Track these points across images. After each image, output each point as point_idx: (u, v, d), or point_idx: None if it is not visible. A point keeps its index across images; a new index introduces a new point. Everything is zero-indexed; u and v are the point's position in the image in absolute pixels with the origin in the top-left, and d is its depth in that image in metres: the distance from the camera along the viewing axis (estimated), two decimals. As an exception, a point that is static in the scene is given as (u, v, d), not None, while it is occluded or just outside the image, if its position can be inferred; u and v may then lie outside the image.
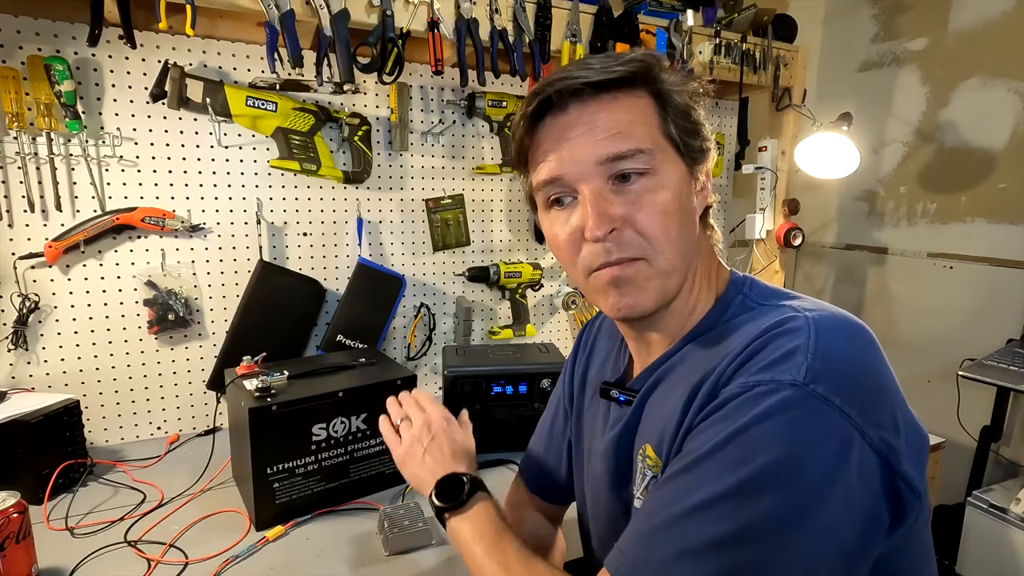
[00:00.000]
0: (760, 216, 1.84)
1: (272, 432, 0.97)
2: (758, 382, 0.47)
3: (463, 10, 1.29)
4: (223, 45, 1.29)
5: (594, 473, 0.70)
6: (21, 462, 1.02)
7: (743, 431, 0.46)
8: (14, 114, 1.11)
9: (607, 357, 0.76)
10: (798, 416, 0.45)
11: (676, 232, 0.56)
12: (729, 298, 0.61)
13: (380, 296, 1.46)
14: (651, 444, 0.58)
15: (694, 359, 0.58)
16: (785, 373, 0.46)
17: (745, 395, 0.47)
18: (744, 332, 0.53)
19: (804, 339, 0.48)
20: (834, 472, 0.44)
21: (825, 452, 0.45)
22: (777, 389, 0.46)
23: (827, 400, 0.45)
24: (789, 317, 0.51)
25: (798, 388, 0.45)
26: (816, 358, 0.47)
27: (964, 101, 1.80)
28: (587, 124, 0.55)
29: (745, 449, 0.46)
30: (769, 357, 0.48)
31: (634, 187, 0.55)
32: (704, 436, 0.49)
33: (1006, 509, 1.44)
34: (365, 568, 0.90)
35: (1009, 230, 1.71)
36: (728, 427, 0.47)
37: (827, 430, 0.45)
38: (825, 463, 0.44)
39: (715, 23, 1.70)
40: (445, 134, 1.56)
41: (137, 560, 0.89)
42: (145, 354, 1.30)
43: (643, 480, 0.59)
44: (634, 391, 0.64)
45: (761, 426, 0.45)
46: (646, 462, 0.58)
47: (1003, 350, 1.57)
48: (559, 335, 1.82)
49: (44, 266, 1.19)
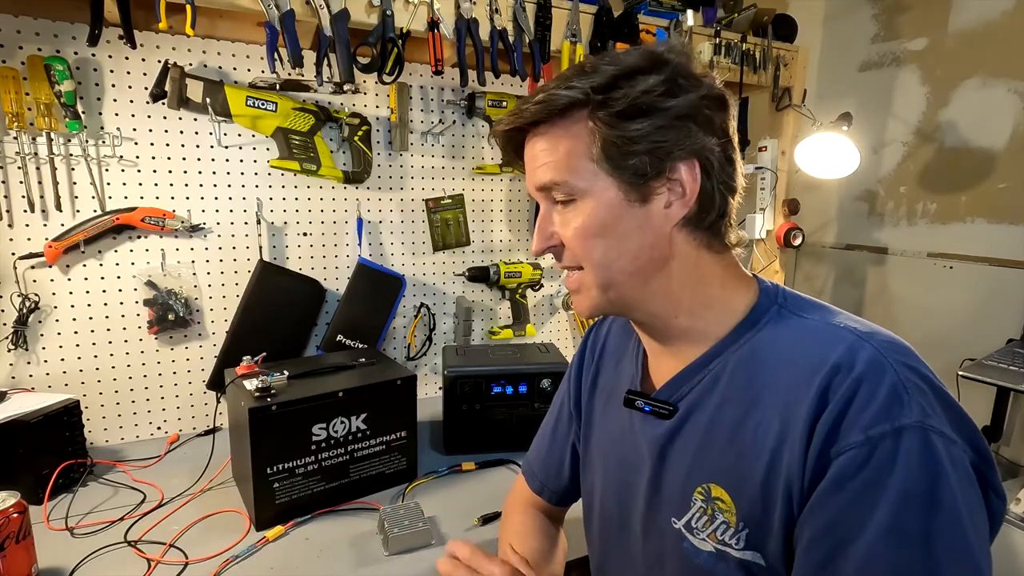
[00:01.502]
0: (760, 216, 1.84)
1: (272, 432, 0.97)
2: (882, 434, 0.47)
3: (463, 10, 1.29)
4: (223, 45, 1.29)
5: (619, 481, 0.69)
6: (21, 462, 1.02)
7: (904, 496, 0.46)
8: (14, 114, 1.11)
9: (621, 358, 0.74)
10: (932, 456, 0.46)
11: (601, 253, 0.58)
12: (763, 307, 0.59)
13: (380, 296, 1.46)
14: (722, 485, 0.56)
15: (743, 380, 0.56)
16: (902, 417, 0.47)
17: (876, 451, 0.46)
18: (807, 358, 0.52)
19: (892, 374, 0.48)
20: (972, 498, 0.47)
21: (960, 482, 0.46)
22: (903, 435, 0.46)
23: (942, 433, 0.47)
24: (855, 347, 0.51)
25: (920, 428, 0.46)
26: (914, 391, 0.48)
27: (964, 101, 1.80)
28: (530, 152, 0.61)
29: (912, 511, 0.45)
30: (875, 402, 0.48)
31: (564, 210, 0.60)
32: (856, 514, 0.47)
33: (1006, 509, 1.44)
34: (365, 568, 0.90)
35: (1009, 230, 1.71)
36: (882, 494, 0.46)
37: (954, 460, 0.46)
38: (965, 492, 0.46)
39: (715, 23, 1.70)
40: (445, 134, 1.55)
41: (137, 560, 0.89)
42: (145, 354, 1.30)
43: (710, 523, 0.57)
44: (665, 403, 0.62)
45: (913, 482, 0.46)
46: (716, 504, 0.56)
47: (1003, 350, 1.57)
48: (559, 335, 1.82)
49: (44, 266, 1.19)
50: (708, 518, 0.57)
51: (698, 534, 0.58)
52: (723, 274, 0.61)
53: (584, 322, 1.81)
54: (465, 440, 1.27)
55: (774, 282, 0.63)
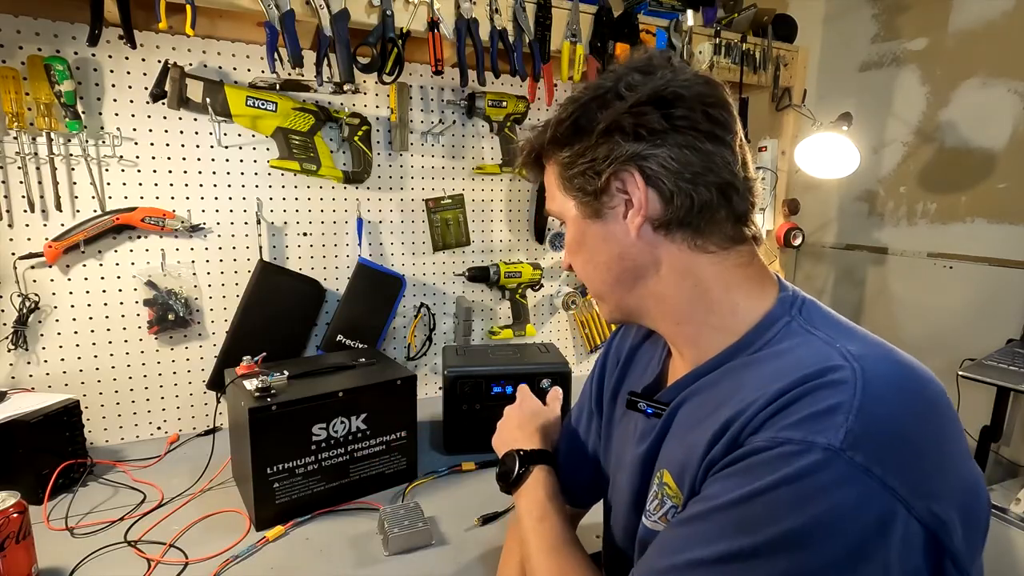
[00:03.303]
0: (760, 216, 1.84)
1: (272, 432, 0.97)
2: (788, 439, 0.43)
3: (463, 10, 1.29)
4: (223, 45, 1.29)
5: (619, 485, 0.69)
6: (21, 462, 1.02)
7: (765, 491, 0.43)
8: (14, 114, 1.11)
9: (649, 362, 0.73)
10: (828, 483, 0.41)
11: (580, 267, 0.65)
12: (776, 316, 0.56)
13: (380, 296, 1.46)
14: (671, 472, 0.56)
15: (729, 384, 0.54)
16: (820, 434, 0.42)
17: (773, 451, 0.44)
18: (786, 368, 0.49)
19: (848, 396, 0.44)
20: (866, 547, 0.41)
21: (857, 525, 0.41)
22: (808, 451, 0.42)
23: (867, 470, 0.41)
24: (835, 366, 0.46)
25: (832, 453, 0.41)
26: (858, 420, 0.42)
27: (964, 101, 1.80)
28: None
29: (765, 511, 0.43)
30: (805, 411, 0.44)
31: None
32: (724, 485, 0.47)
33: (1006, 509, 1.44)
34: (365, 568, 0.90)
35: (1009, 230, 1.71)
36: (750, 483, 0.44)
37: (862, 502, 0.41)
38: (855, 536, 0.41)
39: (715, 23, 1.70)
40: (445, 134, 1.56)
41: (137, 560, 0.89)
42: (145, 354, 1.30)
43: (661, 506, 0.57)
44: (662, 404, 0.62)
45: (785, 489, 0.42)
46: (664, 489, 0.57)
47: (1003, 350, 1.57)
48: (559, 335, 1.82)
49: (44, 266, 1.19)
50: (659, 502, 0.58)
51: (650, 516, 0.59)
52: (728, 276, 0.57)
53: (584, 322, 1.82)
54: (465, 440, 1.27)
55: (796, 289, 0.59)
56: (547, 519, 0.68)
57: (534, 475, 0.75)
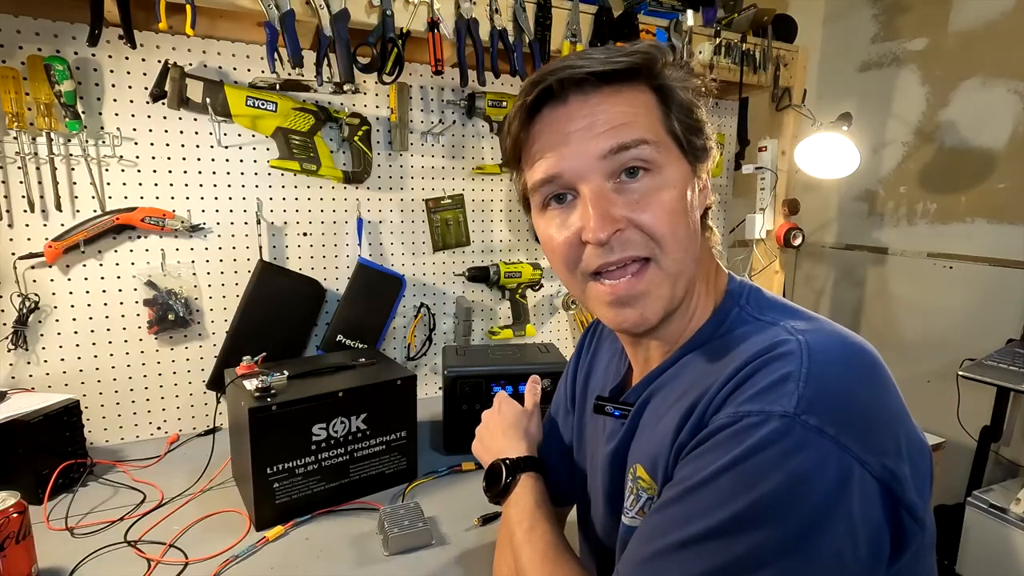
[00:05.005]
0: (760, 216, 1.84)
1: (272, 432, 0.97)
2: (748, 412, 0.46)
3: (463, 10, 1.29)
4: (223, 45, 1.29)
5: (594, 485, 0.70)
6: (21, 462, 1.02)
7: (734, 464, 0.45)
8: (14, 114, 1.11)
9: (608, 363, 0.75)
10: (790, 448, 0.43)
11: (684, 232, 0.54)
12: (727, 308, 0.59)
13: (380, 296, 1.46)
14: (643, 465, 0.57)
15: (689, 375, 0.56)
16: (775, 403, 0.45)
17: (735, 426, 0.46)
18: (739, 352, 0.52)
19: (796, 365, 0.46)
20: (831, 505, 0.43)
21: (820, 485, 0.43)
22: (767, 420, 0.44)
23: (820, 431, 0.43)
24: (781, 340, 0.49)
25: (789, 419, 0.44)
26: (808, 386, 0.45)
27: (964, 101, 1.80)
28: (588, 117, 0.53)
29: (736, 482, 0.45)
30: (759, 384, 0.47)
31: (638, 185, 0.53)
32: (694, 466, 0.48)
33: (1006, 509, 1.44)
34: (365, 568, 0.90)
35: (1009, 230, 1.71)
36: (719, 459, 0.46)
37: (821, 462, 0.43)
38: (820, 495, 0.43)
39: (715, 23, 1.70)
40: (445, 134, 1.55)
41: (137, 560, 0.89)
42: (145, 354, 1.30)
43: (637, 501, 0.58)
44: (629, 405, 0.63)
45: (753, 459, 0.44)
46: (639, 483, 0.57)
47: (1003, 350, 1.57)
48: (559, 335, 1.82)
49: (44, 266, 1.19)
50: (635, 497, 0.58)
51: (628, 513, 0.59)
52: (709, 267, 0.62)
53: (584, 322, 1.81)
54: (465, 440, 1.25)
55: (742, 279, 0.62)
56: (537, 527, 0.67)
57: (521, 483, 0.73)
